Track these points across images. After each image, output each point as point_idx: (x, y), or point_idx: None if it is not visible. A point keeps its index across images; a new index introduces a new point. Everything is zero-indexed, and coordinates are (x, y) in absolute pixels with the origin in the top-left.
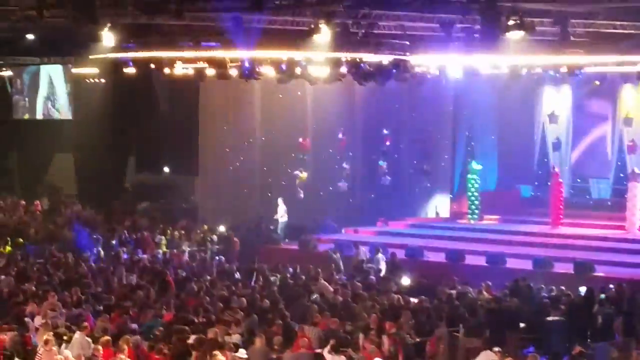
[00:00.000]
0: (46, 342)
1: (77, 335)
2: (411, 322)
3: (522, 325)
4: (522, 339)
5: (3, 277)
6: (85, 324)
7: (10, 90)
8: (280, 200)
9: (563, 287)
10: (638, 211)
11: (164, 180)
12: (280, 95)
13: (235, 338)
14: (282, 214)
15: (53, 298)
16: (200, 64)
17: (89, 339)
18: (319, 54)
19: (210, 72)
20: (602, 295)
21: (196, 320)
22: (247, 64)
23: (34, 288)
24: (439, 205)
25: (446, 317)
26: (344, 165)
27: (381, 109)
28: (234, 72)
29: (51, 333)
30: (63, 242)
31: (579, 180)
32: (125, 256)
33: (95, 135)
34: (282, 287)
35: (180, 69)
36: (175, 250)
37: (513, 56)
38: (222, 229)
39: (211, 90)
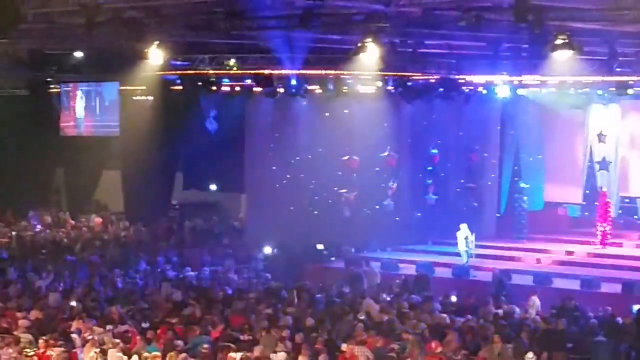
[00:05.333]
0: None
1: (110, 352)
2: (457, 342)
3: (569, 345)
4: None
5: (50, 293)
6: (117, 340)
7: (59, 107)
8: (464, 227)
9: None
10: None
11: (211, 198)
12: (327, 113)
13: (281, 356)
14: (465, 243)
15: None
16: (247, 82)
17: (120, 354)
18: (365, 73)
19: (257, 89)
20: None
21: (242, 338)
22: (293, 82)
23: (80, 304)
24: None
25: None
26: (390, 183)
27: (428, 127)
28: (280, 90)
29: (97, 350)
30: (110, 259)
31: (626, 200)
32: (171, 273)
33: (143, 153)
34: (328, 306)
35: (227, 87)
36: (221, 268)
37: (561, 75)
38: (268, 246)
39: (258, 108)
